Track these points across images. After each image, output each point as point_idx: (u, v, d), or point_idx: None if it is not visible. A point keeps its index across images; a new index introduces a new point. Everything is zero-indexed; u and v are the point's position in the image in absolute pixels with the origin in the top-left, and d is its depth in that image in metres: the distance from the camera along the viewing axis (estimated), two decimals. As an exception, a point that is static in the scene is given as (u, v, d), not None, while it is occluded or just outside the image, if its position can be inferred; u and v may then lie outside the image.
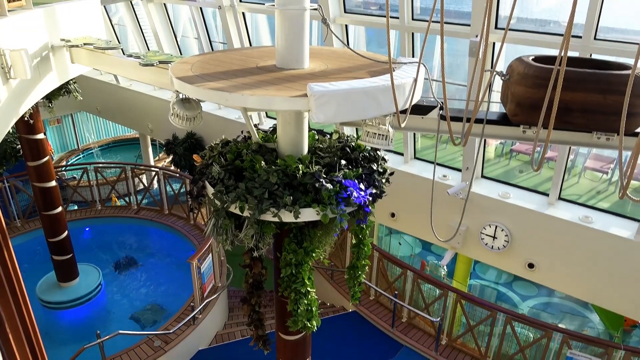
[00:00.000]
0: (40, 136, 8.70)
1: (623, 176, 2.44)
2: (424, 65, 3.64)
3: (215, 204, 3.83)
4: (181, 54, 12.08)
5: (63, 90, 9.05)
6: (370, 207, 3.92)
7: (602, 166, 9.82)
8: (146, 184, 13.51)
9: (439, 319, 8.60)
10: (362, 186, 3.82)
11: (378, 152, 4.38)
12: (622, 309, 8.24)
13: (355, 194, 3.70)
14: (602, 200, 9.13)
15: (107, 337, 7.50)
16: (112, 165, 13.98)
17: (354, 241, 4.75)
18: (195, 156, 4.43)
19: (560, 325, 9.40)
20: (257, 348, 5.17)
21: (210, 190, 3.93)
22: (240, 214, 3.67)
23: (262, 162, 3.81)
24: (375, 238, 12.95)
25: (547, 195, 8.22)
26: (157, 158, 19.17)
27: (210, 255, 9.24)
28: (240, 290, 11.76)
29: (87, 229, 12.88)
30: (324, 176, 3.72)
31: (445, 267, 12.11)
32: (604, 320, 10.98)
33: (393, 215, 10.33)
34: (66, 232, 9.75)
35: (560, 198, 8.19)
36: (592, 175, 10.10)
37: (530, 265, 8.58)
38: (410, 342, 9.14)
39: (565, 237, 7.94)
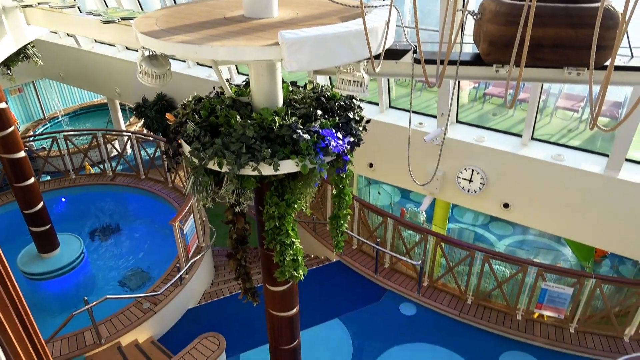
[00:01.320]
0: (2, 105, 8.35)
1: (593, 108, 2.50)
2: (396, 8, 3.57)
3: (193, 161, 3.78)
4: (142, 9, 11.54)
5: (21, 55, 8.63)
6: (349, 156, 3.94)
7: (573, 105, 9.99)
8: (119, 150, 13.23)
9: (420, 262, 8.89)
10: (339, 135, 3.82)
11: (354, 100, 4.35)
12: (593, 241, 8.64)
13: (333, 143, 3.70)
14: (574, 138, 9.36)
15: (95, 302, 7.55)
16: (82, 132, 13.59)
17: (334, 192, 4.79)
18: (168, 115, 4.33)
19: (535, 260, 9.84)
20: (246, 301, 5.28)
21: (186, 148, 3.88)
22: (219, 170, 3.65)
23: (237, 116, 3.76)
24: (355, 189, 13.10)
25: (521, 136, 8.37)
26: (128, 123, 18.71)
27: (191, 216, 9.23)
28: (224, 249, 11.89)
29: (63, 199, 12.65)
30: (301, 127, 3.70)
31: (424, 213, 12.40)
32: (576, 253, 11.51)
33: (371, 165, 10.42)
34: (41, 203, 9.57)
35: (533, 138, 8.36)
36: (563, 115, 10.28)
37: (506, 206, 8.85)
38: (393, 286, 9.47)
39: (538, 175, 8.17)
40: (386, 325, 8.64)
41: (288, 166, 3.67)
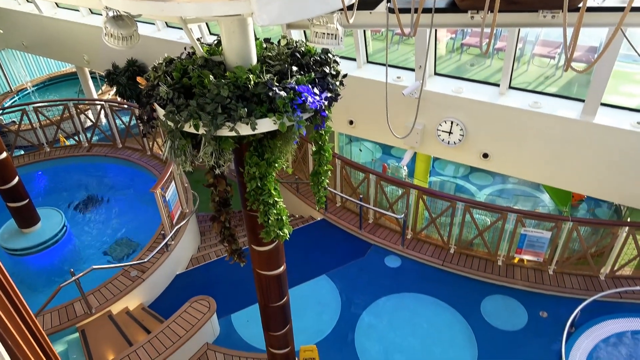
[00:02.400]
0: (-35, 78, 7.99)
1: (567, 49, 2.49)
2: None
3: (168, 125, 3.70)
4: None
5: (-21, 24, 8.17)
6: (326, 112, 3.90)
7: (550, 51, 9.98)
8: (93, 120, 12.89)
9: (403, 215, 9.03)
10: (316, 91, 3.76)
11: (329, 54, 4.26)
12: (570, 186, 8.86)
13: (310, 99, 3.65)
14: (550, 86, 9.41)
15: (82, 273, 7.54)
16: (52, 103, 13.15)
17: (314, 149, 4.76)
18: (139, 79, 4.21)
19: (514, 208, 10.08)
20: (233, 262, 5.32)
21: (160, 112, 3.78)
22: (196, 132, 3.59)
23: (211, 76, 3.66)
24: (336, 147, 13.09)
25: (498, 85, 8.38)
26: (100, 92, 18.15)
27: (173, 182, 9.14)
28: (209, 214, 11.88)
29: (39, 172, 12.39)
30: (277, 84, 3.63)
31: (405, 167, 12.49)
32: (554, 198, 11.82)
33: (351, 122, 10.37)
34: (17, 178, 9.36)
35: (510, 87, 8.37)
36: (540, 62, 10.29)
37: (485, 155, 8.96)
38: (378, 240, 9.65)
39: (516, 124, 8.25)
40: (372, 278, 8.86)
41: (266, 125, 3.62)
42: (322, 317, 8.15)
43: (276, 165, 4.06)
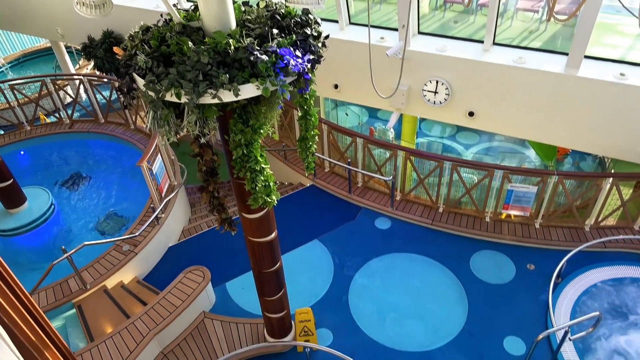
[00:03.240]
0: None
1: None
2: None
3: (149, 95, 3.64)
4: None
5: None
6: (310, 75, 3.85)
7: (533, 5, 9.85)
8: (73, 96, 12.59)
9: (391, 177, 9.08)
10: (298, 53, 3.70)
11: (310, 15, 4.17)
12: (555, 140, 8.93)
13: (292, 62, 3.59)
14: (534, 40, 9.34)
15: (73, 250, 7.53)
16: (29, 80, 12.78)
17: (299, 114, 4.72)
18: (116, 49, 4.09)
19: (500, 164, 10.18)
20: (224, 231, 5.35)
21: (140, 82, 3.70)
22: (178, 101, 3.53)
23: (190, 43, 3.57)
24: (322, 113, 13.00)
25: (482, 42, 8.30)
26: (77, 66, 17.67)
27: (159, 155, 9.05)
28: (197, 185, 11.84)
29: (21, 152, 12.17)
30: (258, 48, 3.55)
31: (392, 129, 12.49)
32: (539, 153, 11.94)
33: (336, 86, 10.26)
34: (-1, 158, 9.20)
35: (494, 43, 8.31)
36: (523, 17, 10.17)
37: (471, 114, 8.96)
38: (367, 203, 9.73)
39: (501, 80, 8.23)
40: (363, 241, 8.98)
41: (249, 90, 3.57)
42: (316, 280, 8.29)
43: (261, 131, 4.03)
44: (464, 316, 7.55)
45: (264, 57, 3.50)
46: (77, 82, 12.20)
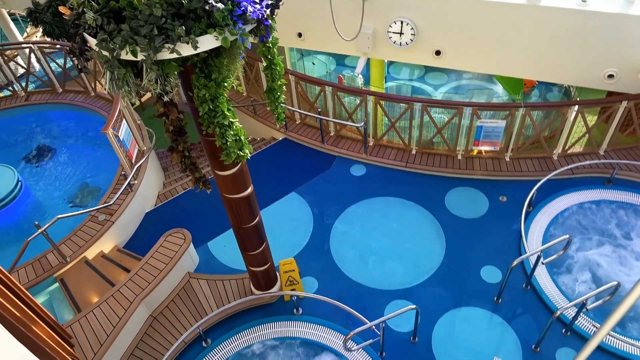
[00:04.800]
0: None
1: None
2: None
3: (103, 55, 3.47)
4: None
5: None
6: (269, 21, 3.72)
7: None
8: (25, 66, 11.95)
9: (362, 124, 9.07)
10: (255, -1, 3.56)
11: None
12: (520, 73, 9.01)
13: (250, 8, 3.46)
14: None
15: (47, 224, 7.40)
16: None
17: (264, 65, 4.60)
18: (62, 8, 3.84)
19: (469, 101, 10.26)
20: (199, 190, 5.31)
21: (92, 42, 3.52)
22: (135, 58, 3.38)
23: (140, -5, 3.38)
24: (289, 64, 12.72)
25: (444, -23, 8.14)
26: (25, 35, 16.70)
27: (124, 120, 8.78)
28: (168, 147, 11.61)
29: (-23, 130, 11.65)
30: (212, -4, 3.39)
31: (361, 76, 12.36)
32: (506, 88, 12.05)
33: (300, 35, 10.01)
34: (-45, 138, 8.78)
35: (456, -23, 8.16)
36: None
37: (437, 53, 8.91)
38: (341, 151, 9.75)
39: (465, 16, 8.14)
40: (340, 189, 9.06)
41: (208, 42, 3.44)
42: (297, 231, 8.39)
43: (225, 84, 3.92)
44: (442, 251, 7.82)
45: (220, 5, 3.35)
46: (27, 51, 11.55)
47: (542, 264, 6.90)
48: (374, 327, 5.87)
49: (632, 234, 7.81)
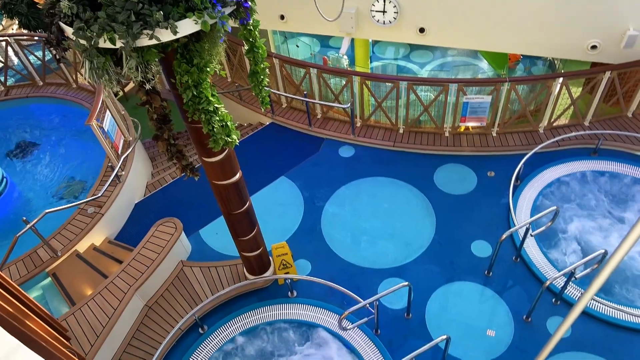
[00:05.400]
0: None
1: None
2: None
3: (81, 44, 3.40)
4: None
5: None
6: (249, 2, 3.67)
7: None
8: (2, 60, 11.69)
9: (349, 105, 9.04)
10: (234, -20, 3.50)
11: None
12: (504, 47, 9.02)
13: (228, -10, 3.40)
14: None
15: (36, 219, 7.33)
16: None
17: (246, 48, 4.54)
18: (35, -3, 3.75)
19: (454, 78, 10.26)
20: (187, 178, 5.28)
21: (68, 30, 3.45)
22: (113, 46, 3.32)
23: (115, -19, 3.31)
24: (272, 47, 12.59)
25: (425, -48, 8.07)
26: (1, 28, 16.27)
27: (107, 111, 8.66)
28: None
29: (-43, 127, 11.42)
30: (189, -21, 3.33)
31: (345, 56, 12.26)
32: (491, 63, 12.05)
33: (282, 17, 9.90)
34: None
35: (437, -48, 8.09)
36: None
37: (421, 30, 8.88)
38: (329, 133, 9.73)
39: (448, -9, 8.10)
40: (329, 171, 9.07)
41: (187, 26, 3.38)
42: (288, 215, 8.41)
43: (208, 69, 3.87)
44: (433, 229, 7.89)
45: (198, -12, 3.29)
46: (4, 44, 11.29)
47: (531, 236, 7.01)
48: (367, 305, 5.94)
49: (618, 203, 7.95)
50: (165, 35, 3.33)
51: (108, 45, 3.33)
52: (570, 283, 6.57)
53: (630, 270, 7.00)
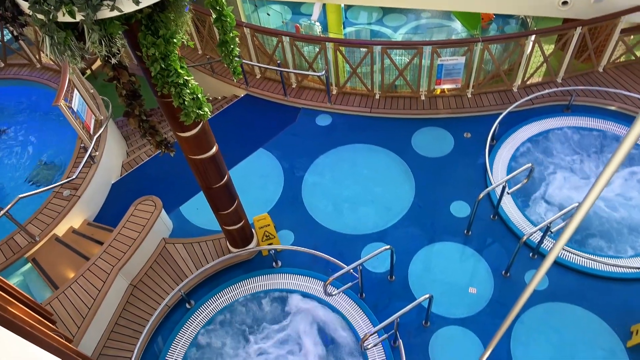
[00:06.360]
0: None
1: None
2: None
3: (39, 19, 3.25)
4: None
5: None
6: (213, -32, 3.53)
7: None
8: (-41, 41, 11.15)
9: (324, 72, 8.93)
10: (195, -55, 3.36)
11: None
12: (477, 7, 8.96)
13: (190, -45, 3.27)
14: None
15: (9, 205, 7.17)
16: None
17: (214, 17, 4.41)
18: (-15, -29, 3.55)
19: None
20: (162, 154, 5.20)
21: (24, 5, 3.29)
22: (73, 20, 3.18)
23: (69, -50, 3.15)
24: (243, 17, 12.27)
25: None
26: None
27: (75, 90, 8.39)
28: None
29: None
30: (148, -55, 3.19)
31: (318, 23, 12.04)
32: (464, 24, 12.00)
33: (250, -16, 9.60)
34: None
35: None
36: None
37: (393, -8, 8.73)
38: (305, 102, 9.64)
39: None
40: (307, 140, 9.03)
41: (149, -4, 3.26)
42: (268, 187, 8.39)
43: (175, 41, 3.76)
44: (412, 192, 7.98)
45: (158, -46, 3.16)
46: (-41, 24, 10.73)
47: (508, 194, 7.15)
48: (351, 270, 6.04)
49: (591, 157, 8.13)
50: (127, 6, 3.20)
51: (68, 19, 3.20)
52: (547, 237, 6.77)
53: (601, 221, 7.23)
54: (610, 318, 6.25)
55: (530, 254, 6.96)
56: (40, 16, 3.20)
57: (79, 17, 3.16)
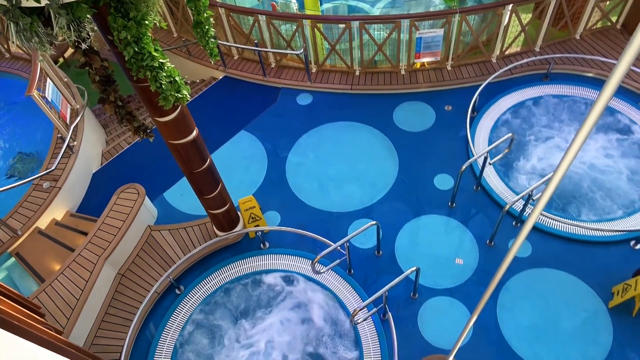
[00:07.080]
0: None
1: None
2: None
3: (2, 5, 3.13)
4: None
5: None
6: (181, -55, 3.42)
7: None
8: None
9: (302, 50, 8.82)
10: None
11: None
12: (453, -23, 8.85)
13: None
14: None
15: (-12, 200, 7.02)
16: None
17: (186, -3, 4.30)
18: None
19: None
20: (141, 139, 5.11)
21: (-15, -9, 3.16)
22: (38, 4, 3.07)
23: None
24: None
25: None
26: None
27: (48, 80, 8.17)
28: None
29: None
30: None
31: (294, 1, 11.83)
32: (442, -3, 11.90)
33: (223, -38, 9.37)
34: None
35: None
36: None
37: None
38: (285, 82, 9.54)
39: None
40: (289, 120, 8.97)
41: (117, -24, 3.15)
42: (252, 169, 8.35)
43: (146, 22, 3.66)
44: (396, 168, 8.02)
45: None
46: None
47: (490, 164, 7.23)
48: (339, 248, 6.08)
49: (572, 124, 8.23)
50: (93, -12, 3.10)
51: (32, 3, 3.08)
52: (529, 205, 6.88)
53: (580, 186, 7.37)
54: (592, 281, 6.43)
55: (514, 223, 7.08)
56: (2, 1, 3.07)
57: (44, 1, 3.05)
